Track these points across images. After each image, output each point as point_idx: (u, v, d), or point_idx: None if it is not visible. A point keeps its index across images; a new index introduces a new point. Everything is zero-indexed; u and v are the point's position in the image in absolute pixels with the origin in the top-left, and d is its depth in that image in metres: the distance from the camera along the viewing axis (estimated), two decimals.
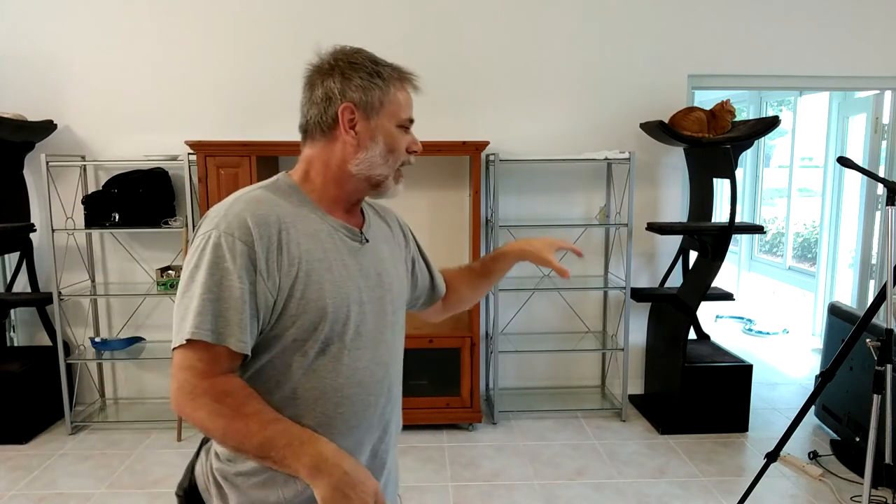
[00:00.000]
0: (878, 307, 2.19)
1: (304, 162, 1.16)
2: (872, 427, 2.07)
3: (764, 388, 4.02)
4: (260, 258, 1.00)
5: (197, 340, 0.97)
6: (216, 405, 0.97)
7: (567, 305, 3.84)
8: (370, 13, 3.57)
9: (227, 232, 1.00)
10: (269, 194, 1.09)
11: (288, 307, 1.03)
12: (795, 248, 6.75)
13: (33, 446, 3.25)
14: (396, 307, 1.26)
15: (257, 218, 1.02)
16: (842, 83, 3.90)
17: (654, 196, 3.79)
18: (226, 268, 0.99)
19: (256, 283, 1.00)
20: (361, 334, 1.12)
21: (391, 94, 1.13)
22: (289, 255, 1.03)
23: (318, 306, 1.05)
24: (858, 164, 2.20)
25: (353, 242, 1.15)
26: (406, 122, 1.16)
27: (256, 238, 1.01)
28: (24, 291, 3.60)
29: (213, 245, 1.00)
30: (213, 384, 0.98)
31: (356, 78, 1.11)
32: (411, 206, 3.69)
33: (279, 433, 0.97)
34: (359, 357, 1.11)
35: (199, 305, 0.98)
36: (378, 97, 1.12)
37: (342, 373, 1.09)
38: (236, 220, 1.02)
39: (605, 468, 3.00)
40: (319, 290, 1.05)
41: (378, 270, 1.19)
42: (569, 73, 3.67)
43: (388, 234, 1.33)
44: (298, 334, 1.05)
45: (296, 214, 1.08)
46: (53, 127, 3.53)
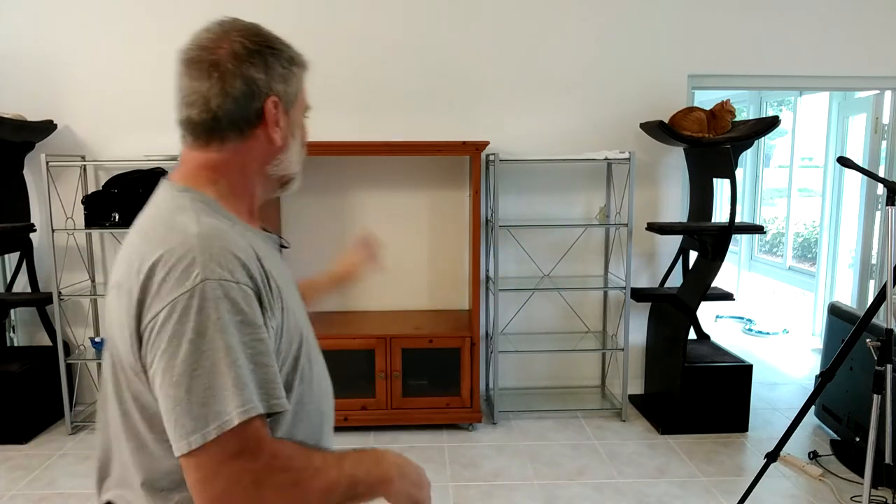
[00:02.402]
0: (878, 307, 2.19)
1: (207, 169, 0.94)
2: (872, 427, 2.07)
3: (764, 388, 4.02)
4: (264, 299, 0.85)
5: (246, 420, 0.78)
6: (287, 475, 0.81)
7: (567, 305, 3.84)
8: (369, 13, 3.57)
9: (225, 279, 0.80)
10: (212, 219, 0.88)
11: (280, 345, 0.89)
12: (795, 248, 6.75)
13: (33, 446, 3.25)
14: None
15: (244, 252, 0.85)
16: (842, 83, 3.90)
17: (654, 196, 3.79)
18: (240, 321, 0.80)
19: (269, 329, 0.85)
20: (313, 343, 1.02)
21: (301, 83, 1.00)
22: (275, 287, 0.89)
23: (298, 333, 0.94)
24: (858, 164, 2.20)
25: (278, 251, 1.05)
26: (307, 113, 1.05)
27: (256, 275, 0.85)
28: (24, 291, 3.60)
29: (214, 299, 0.79)
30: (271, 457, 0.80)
31: (277, 66, 0.95)
32: (411, 206, 3.70)
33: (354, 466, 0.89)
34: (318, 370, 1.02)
35: (236, 378, 0.78)
36: (295, 87, 0.98)
37: (315, 392, 0.99)
38: (228, 260, 0.82)
39: (605, 468, 3.00)
40: (294, 315, 0.94)
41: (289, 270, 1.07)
42: (569, 73, 3.67)
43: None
44: (288, 370, 0.91)
45: (244, 236, 0.90)
46: (53, 127, 3.53)
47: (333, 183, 3.66)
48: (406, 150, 3.31)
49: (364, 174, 3.67)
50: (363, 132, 3.61)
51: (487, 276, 3.70)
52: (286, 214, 3.68)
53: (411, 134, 3.64)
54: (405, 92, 3.64)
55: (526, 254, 3.77)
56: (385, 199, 3.68)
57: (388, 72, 3.61)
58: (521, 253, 3.77)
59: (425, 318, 3.58)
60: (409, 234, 3.72)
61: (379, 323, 3.48)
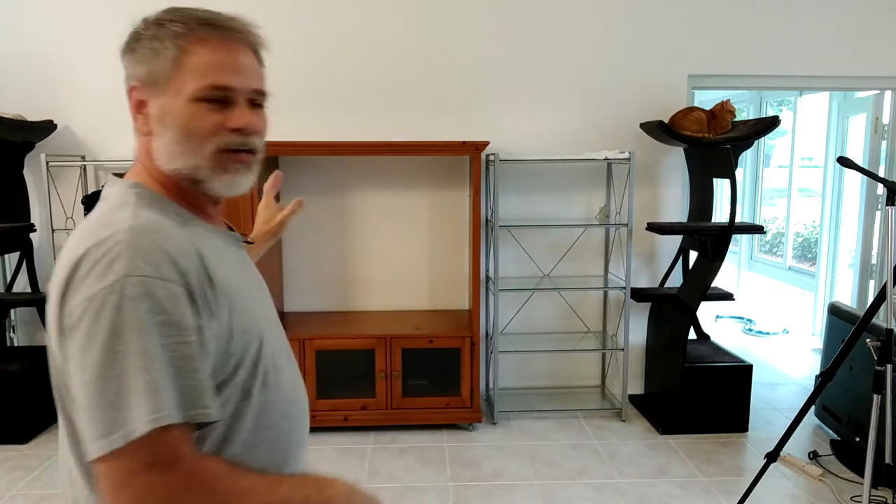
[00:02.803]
0: (878, 307, 2.19)
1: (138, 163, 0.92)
2: (872, 427, 2.07)
3: (764, 388, 4.02)
4: (198, 298, 0.79)
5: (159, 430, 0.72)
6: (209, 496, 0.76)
7: (567, 305, 3.84)
8: (369, 12, 3.57)
9: (148, 275, 0.75)
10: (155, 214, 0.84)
11: (229, 348, 0.83)
12: (795, 248, 6.75)
13: (33, 446, 3.24)
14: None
15: (178, 247, 0.80)
16: (842, 83, 3.90)
17: (654, 196, 3.79)
18: (162, 322, 0.74)
19: (203, 330, 0.79)
20: (280, 348, 0.96)
21: (180, 59, 0.84)
22: (219, 286, 0.83)
23: (255, 334, 0.88)
24: (858, 164, 2.20)
25: (239, 250, 0.98)
26: (209, 93, 0.85)
27: (188, 272, 0.79)
28: (24, 291, 3.60)
29: (133, 297, 0.73)
30: (190, 473, 0.74)
31: (140, 48, 0.86)
32: (411, 206, 3.70)
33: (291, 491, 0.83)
34: (288, 373, 0.97)
35: (147, 383, 0.72)
36: (163, 67, 0.85)
37: (284, 398, 0.93)
38: (155, 256, 0.77)
39: (605, 468, 3.00)
40: (252, 316, 0.88)
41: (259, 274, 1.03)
42: (569, 73, 3.67)
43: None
44: (241, 377, 0.85)
45: (190, 233, 0.86)
46: (53, 127, 3.53)
47: (333, 183, 3.66)
48: (406, 150, 3.31)
49: (364, 174, 3.67)
50: (363, 132, 3.61)
51: (487, 276, 3.70)
52: None
53: (411, 134, 3.64)
54: (405, 92, 3.64)
55: (526, 254, 3.77)
56: (385, 199, 3.68)
57: (388, 72, 3.61)
58: (521, 253, 3.77)
59: (425, 318, 3.58)
60: (409, 234, 3.72)
61: (379, 323, 3.48)
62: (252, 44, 0.91)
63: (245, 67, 0.88)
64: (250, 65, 0.90)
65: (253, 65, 0.90)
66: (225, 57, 0.86)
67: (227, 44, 0.87)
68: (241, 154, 0.88)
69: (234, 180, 0.89)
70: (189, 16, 0.86)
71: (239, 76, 0.87)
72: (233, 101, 0.87)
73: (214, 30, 0.86)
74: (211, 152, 0.86)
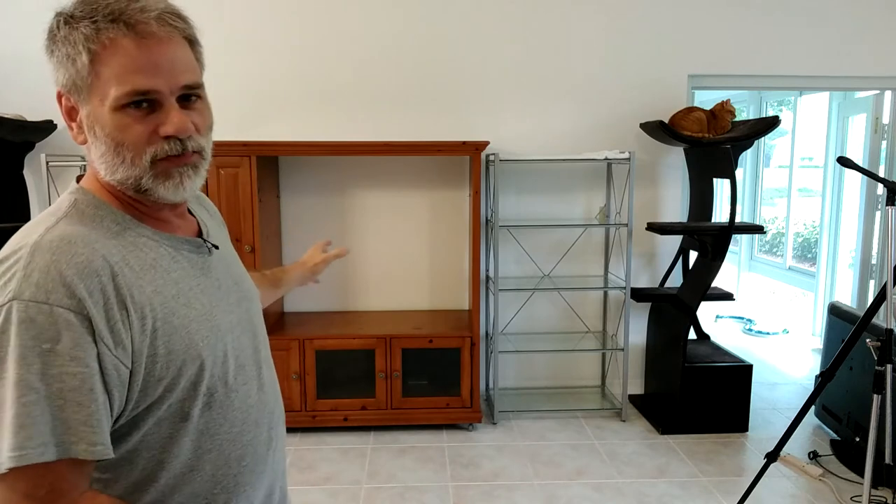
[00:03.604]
0: (878, 307, 2.19)
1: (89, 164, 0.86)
2: (872, 427, 2.07)
3: (764, 388, 4.02)
4: (99, 323, 0.72)
5: (29, 467, 0.68)
6: None
7: (567, 305, 3.84)
8: (368, 12, 3.57)
9: (35, 300, 0.69)
10: (77, 227, 0.77)
11: (153, 372, 0.77)
12: (795, 248, 6.75)
13: None
14: (258, 311, 1.01)
15: (78, 268, 0.72)
16: (842, 83, 3.90)
17: (654, 196, 3.79)
18: (48, 350, 0.69)
19: (102, 359, 0.72)
20: (243, 364, 0.90)
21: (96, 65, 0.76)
22: (135, 307, 0.76)
23: (192, 356, 0.81)
24: (858, 164, 2.20)
25: (199, 258, 0.89)
26: (123, 100, 0.76)
27: (86, 297, 0.72)
28: None
29: (17, 323, 0.69)
30: None
31: (57, 51, 0.77)
32: (411, 206, 3.70)
33: None
34: (248, 393, 0.90)
35: (16, 416, 0.67)
36: (83, 74, 0.76)
37: (237, 419, 0.88)
38: (47, 278, 0.71)
39: (605, 468, 3.00)
40: (187, 335, 0.81)
41: (234, 278, 0.96)
42: (569, 73, 3.67)
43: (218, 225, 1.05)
44: (176, 398, 0.80)
45: (122, 245, 0.79)
46: (53, 127, 3.53)
47: (333, 183, 3.66)
48: (406, 150, 3.31)
49: (364, 174, 3.67)
50: (363, 132, 3.61)
51: (487, 276, 3.70)
52: (286, 215, 3.68)
53: (411, 134, 3.64)
54: (406, 92, 3.64)
55: (526, 254, 3.77)
56: (385, 199, 3.68)
57: (388, 72, 3.61)
58: (521, 253, 3.77)
59: (425, 318, 3.58)
60: (409, 234, 3.72)
61: (379, 323, 3.48)
62: (180, 32, 0.81)
63: (168, 63, 0.78)
64: (175, 58, 0.79)
65: (179, 57, 0.80)
66: (142, 57, 0.76)
67: (143, 41, 0.76)
68: (182, 157, 0.82)
69: (180, 185, 0.83)
70: (98, 11, 0.75)
71: (160, 76, 0.77)
72: (161, 103, 0.79)
73: (126, 27, 0.75)
74: (148, 162, 0.80)
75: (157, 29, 0.77)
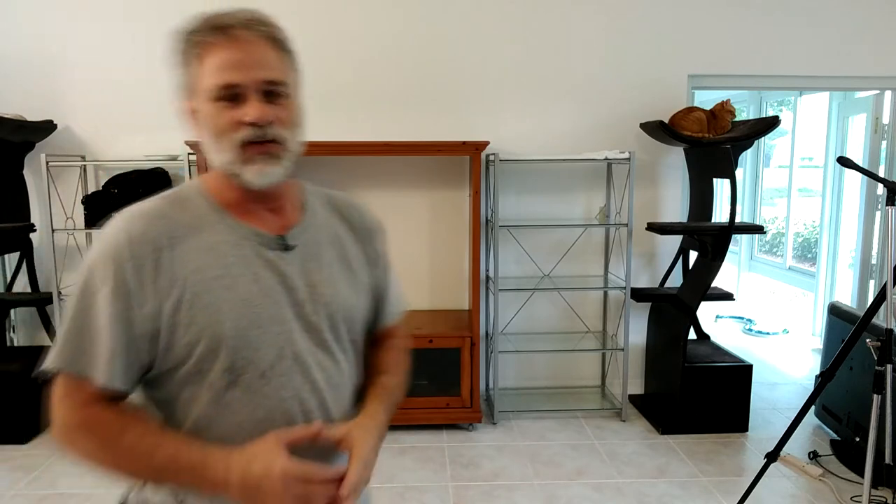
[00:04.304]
0: (878, 307, 2.19)
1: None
2: (872, 427, 2.07)
3: (764, 388, 4.02)
4: (130, 282, 0.88)
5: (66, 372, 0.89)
6: (95, 438, 0.89)
7: (567, 305, 3.84)
8: (369, 12, 3.57)
9: (100, 253, 0.90)
10: (162, 205, 0.95)
11: (176, 336, 0.90)
12: (795, 248, 6.75)
13: (33, 446, 3.24)
14: (339, 322, 1.02)
15: (133, 236, 0.90)
16: (842, 83, 3.90)
17: (654, 196, 3.79)
18: (92, 294, 0.89)
19: (130, 311, 0.88)
20: (286, 358, 0.95)
21: (198, 65, 0.92)
22: (169, 277, 0.90)
23: (214, 332, 0.90)
24: (858, 164, 2.20)
25: (270, 251, 0.97)
26: (220, 93, 0.90)
27: (128, 258, 0.89)
28: (24, 291, 3.60)
29: (86, 269, 0.90)
30: (86, 416, 0.89)
31: (179, 60, 0.95)
32: (411, 206, 3.70)
33: (167, 462, 0.88)
34: (284, 385, 0.94)
35: (63, 335, 0.90)
36: (190, 73, 0.93)
37: (263, 405, 0.93)
38: (109, 241, 0.91)
39: (605, 468, 3.00)
40: (215, 312, 0.90)
41: (314, 280, 1.00)
42: (569, 73, 3.67)
43: (342, 233, 1.09)
44: (199, 365, 0.91)
45: (191, 227, 0.94)
46: (53, 127, 3.53)
47: (333, 183, 3.66)
48: (406, 150, 3.31)
49: (364, 174, 3.67)
50: (363, 132, 3.61)
51: (487, 276, 3.70)
52: None
53: (411, 134, 3.64)
54: (405, 92, 3.64)
55: (526, 254, 3.77)
56: (385, 199, 3.68)
57: (388, 72, 3.61)
58: (521, 253, 3.77)
59: (425, 318, 3.58)
60: (409, 234, 3.72)
61: None
62: (266, 36, 0.93)
63: (253, 62, 0.91)
64: (261, 58, 0.92)
65: (265, 57, 0.92)
66: (230, 55, 0.90)
67: (234, 43, 0.90)
68: (263, 145, 0.92)
69: (261, 170, 0.93)
70: (206, 23, 0.91)
71: (244, 71, 0.90)
72: (245, 96, 0.91)
73: (222, 32, 0.90)
74: (235, 146, 0.92)
75: (243, 33, 0.91)
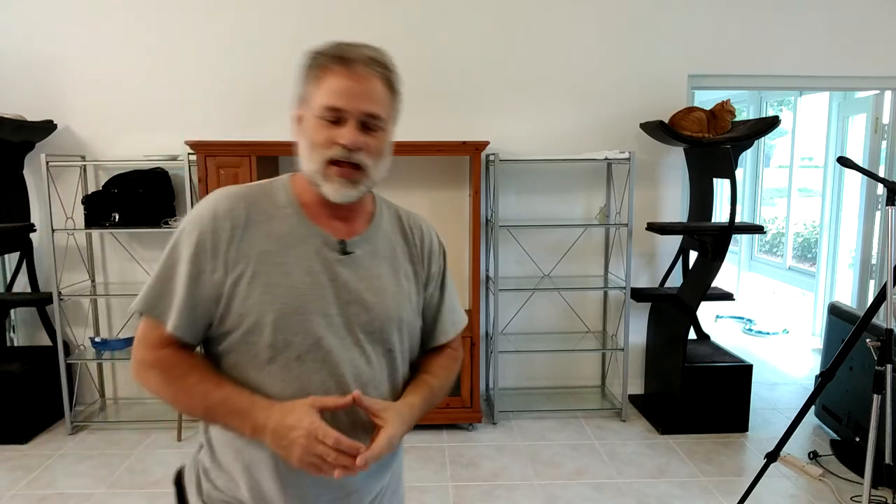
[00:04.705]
0: (878, 307, 2.19)
1: None
2: (872, 427, 2.07)
3: (764, 388, 4.02)
4: (209, 249, 1.03)
5: (148, 316, 1.04)
6: (164, 374, 1.04)
7: (567, 305, 3.84)
8: (370, 13, 3.57)
9: (191, 220, 1.05)
10: (250, 191, 1.10)
11: (233, 304, 1.03)
12: (795, 248, 6.75)
13: (33, 446, 3.25)
14: (376, 329, 1.10)
15: (220, 211, 1.05)
16: (842, 83, 3.90)
17: (654, 196, 3.79)
18: (179, 253, 1.04)
19: (203, 274, 1.03)
20: (321, 348, 1.04)
21: (314, 84, 1.05)
22: (239, 252, 1.04)
23: (263, 310, 1.02)
24: (858, 164, 2.20)
25: (330, 252, 1.08)
26: (326, 113, 1.03)
27: (210, 230, 1.03)
28: (24, 291, 3.60)
29: (178, 231, 1.06)
30: (159, 355, 1.04)
31: (301, 74, 1.08)
32: (411, 206, 3.67)
33: (219, 403, 1.02)
34: (314, 371, 1.04)
35: (151, 281, 1.05)
36: (308, 88, 1.06)
37: (293, 384, 1.03)
38: (202, 210, 1.06)
39: (605, 468, 3.00)
40: (268, 293, 1.03)
41: (361, 287, 1.09)
42: (569, 73, 3.67)
43: (399, 251, 1.21)
44: (246, 335, 1.04)
45: (269, 215, 1.07)
46: (53, 127, 3.53)
47: None
48: (406, 150, 3.31)
49: None
50: None
51: (487, 276, 3.70)
52: None
53: (411, 134, 3.63)
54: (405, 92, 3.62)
55: (526, 254, 3.77)
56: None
57: None
58: (521, 253, 3.77)
59: None
60: None
61: None
62: (380, 76, 1.06)
63: (361, 93, 1.03)
64: (368, 92, 1.04)
65: (373, 93, 1.05)
66: (342, 84, 1.02)
67: (351, 75, 1.03)
68: (345, 167, 1.04)
69: (338, 189, 1.05)
70: (334, 50, 1.04)
71: (351, 100, 1.02)
72: (346, 120, 1.03)
73: (344, 63, 1.03)
74: (322, 161, 1.04)
75: (362, 68, 1.04)
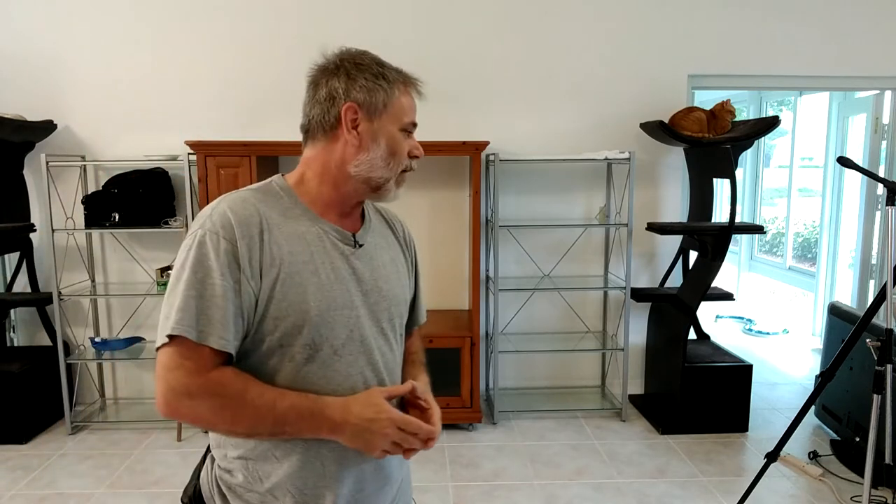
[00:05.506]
0: (878, 307, 2.19)
1: (302, 164, 1.16)
2: (872, 427, 2.07)
3: (764, 388, 4.02)
4: (243, 257, 1.01)
5: (182, 339, 0.97)
6: (218, 398, 0.99)
7: (567, 305, 3.84)
8: (371, 13, 3.57)
9: (211, 230, 1.02)
10: (257, 195, 1.10)
11: (269, 309, 1.03)
12: (795, 248, 6.75)
13: (33, 446, 3.25)
14: (394, 314, 1.20)
15: (240, 217, 1.04)
16: (842, 83, 3.90)
17: (654, 196, 3.79)
18: (209, 265, 1.00)
19: (241, 282, 1.01)
20: (354, 339, 1.10)
21: (395, 97, 1.13)
22: (270, 256, 1.04)
23: (301, 309, 1.04)
24: (858, 164, 2.20)
25: (344, 246, 1.14)
26: (409, 126, 1.16)
27: (239, 237, 1.02)
28: (24, 291, 3.60)
29: (198, 243, 1.01)
30: (207, 379, 0.99)
31: (360, 78, 1.11)
32: (411, 206, 3.70)
33: (288, 411, 1.01)
34: (352, 363, 1.10)
35: (182, 302, 0.98)
36: (382, 99, 1.12)
37: (334, 380, 1.08)
38: (220, 218, 1.03)
39: (605, 468, 3.00)
40: (302, 292, 1.05)
41: (375, 276, 1.17)
42: (569, 73, 3.67)
43: (391, 241, 1.30)
44: (283, 339, 1.05)
45: (282, 216, 1.09)
46: (53, 127, 3.53)
47: None
48: None
49: None
50: None
51: (487, 276, 3.70)
52: None
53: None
54: None
55: (526, 254, 3.77)
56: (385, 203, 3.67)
57: None
58: (521, 253, 3.77)
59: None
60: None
61: None
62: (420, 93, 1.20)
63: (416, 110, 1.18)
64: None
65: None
66: (412, 102, 1.17)
67: (415, 96, 1.19)
68: (407, 173, 1.19)
69: (398, 193, 1.20)
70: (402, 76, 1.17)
71: (415, 116, 1.18)
72: (412, 133, 1.17)
73: (409, 83, 1.17)
74: (399, 170, 1.16)
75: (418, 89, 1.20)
